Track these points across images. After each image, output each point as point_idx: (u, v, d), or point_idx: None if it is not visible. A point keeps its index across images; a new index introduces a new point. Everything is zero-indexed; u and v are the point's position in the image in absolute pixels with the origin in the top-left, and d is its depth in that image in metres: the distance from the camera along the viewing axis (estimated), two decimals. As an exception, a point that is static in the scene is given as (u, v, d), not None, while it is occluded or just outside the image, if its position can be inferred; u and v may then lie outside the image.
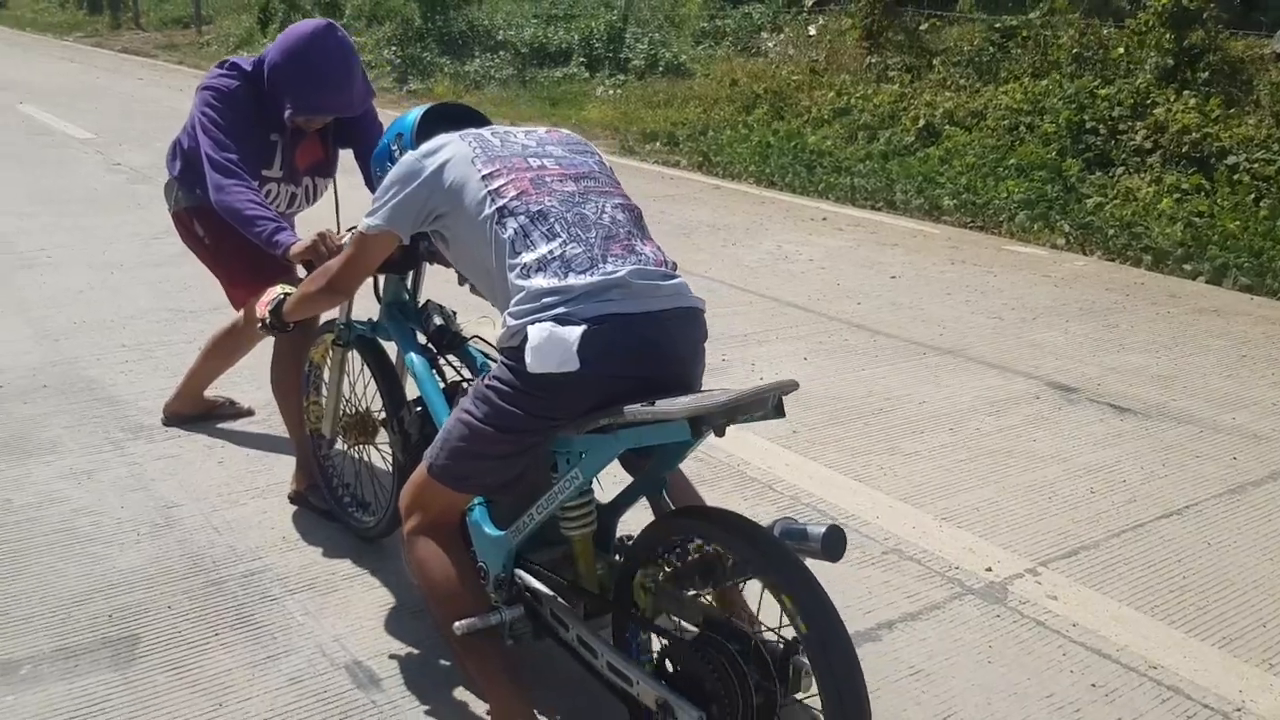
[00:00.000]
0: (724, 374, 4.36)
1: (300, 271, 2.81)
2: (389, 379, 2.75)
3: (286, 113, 2.98)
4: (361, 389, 2.89)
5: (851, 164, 8.92)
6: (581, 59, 14.29)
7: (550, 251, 1.99)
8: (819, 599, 1.79)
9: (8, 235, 6.13)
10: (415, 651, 2.51)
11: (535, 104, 12.91)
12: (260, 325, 2.66)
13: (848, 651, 1.78)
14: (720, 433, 1.82)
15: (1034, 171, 7.97)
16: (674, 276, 2.08)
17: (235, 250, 3.09)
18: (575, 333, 1.89)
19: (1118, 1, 10.28)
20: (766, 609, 1.90)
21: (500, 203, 2.04)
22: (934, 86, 9.99)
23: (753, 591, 2.00)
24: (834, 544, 1.88)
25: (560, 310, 1.92)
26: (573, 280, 1.95)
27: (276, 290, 2.60)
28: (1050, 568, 2.97)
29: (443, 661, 2.47)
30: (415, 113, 2.46)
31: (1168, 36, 8.57)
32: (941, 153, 8.76)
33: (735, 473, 3.48)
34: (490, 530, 2.22)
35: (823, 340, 4.84)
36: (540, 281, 1.96)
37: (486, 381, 2.04)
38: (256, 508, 3.17)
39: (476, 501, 2.24)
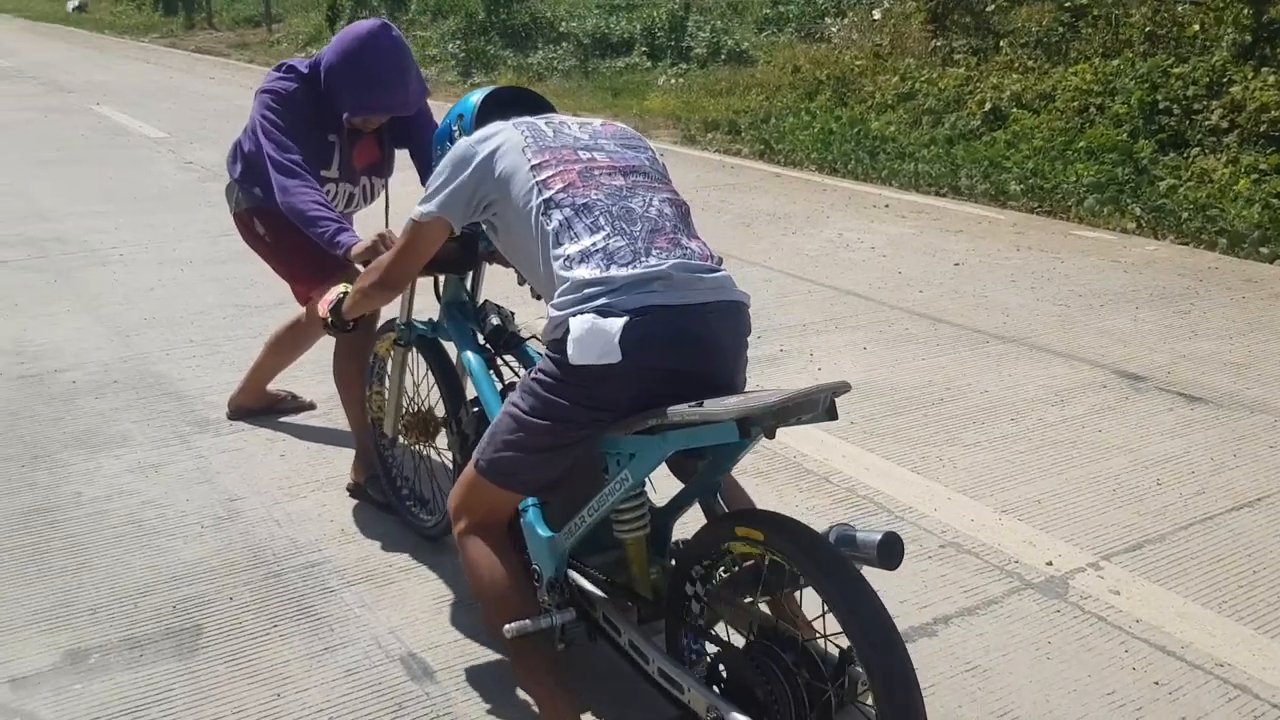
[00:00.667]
0: (781, 364, 4.33)
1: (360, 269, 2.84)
2: (449, 379, 2.76)
3: (344, 114, 3.02)
4: (425, 389, 2.92)
5: (915, 149, 8.78)
6: (644, 49, 14.26)
7: (594, 244, 1.98)
8: (874, 610, 1.74)
9: (82, 233, 6.30)
10: (470, 645, 2.54)
11: (598, 94, 12.92)
12: (323, 326, 2.70)
13: (904, 664, 1.71)
14: (771, 434, 1.78)
15: (1104, 154, 7.77)
16: (718, 271, 2.06)
17: (296, 248, 3.14)
18: (617, 324, 1.88)
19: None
20: (817, 610, 1.86)
21: (547, 194, 2.03)
22: (1001, 69, 9.79)
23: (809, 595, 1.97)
24: (890, 552, 1.83)
25: (602, 302, 1.91)
26: (615, 272, 1.94)
27: (337, 290, 2.63)
28: (1113, 562, 2.90)
29: (496, 655, 2.48)
30: (478, 94, 2.45)
31: (1246, 12, 8.29)
32: (1008, 136, 8.59)
33: (791, 464, 3.46)
34: (543, 532, 2.21)
35: (883, 329, 4.78)
36: (583, 273, 1.95)
37: (532, 375, 2.05)
38: (316, 500, 3.23)
39: (530, 503, 2.23)
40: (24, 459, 3.45)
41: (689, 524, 2.17)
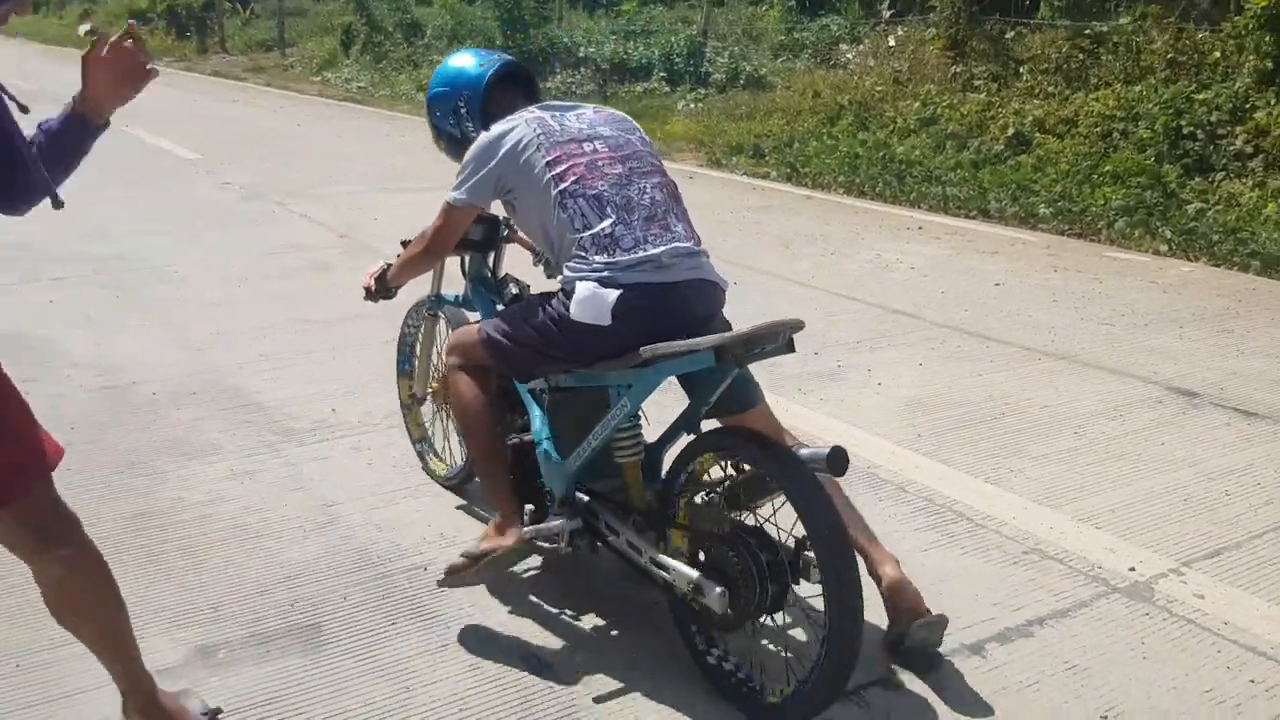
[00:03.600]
0: (840, 379, 4.44)
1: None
2: None
3: None
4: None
5: (942, 173, 8.93)
6: (662, 74, 14.43)
7: (603, 230, 2.43)
8: (824, 503, 2.19)
9: (138, 251, 6.41)
10: (584, 642, 2.63)
11: (618, 119, 13.07)
12: (366, 295, 3.03)
13: (844, 544, 2.18)
14: (741, 364, 2.28)
15: (1131, 178, 7.91)
16: (699, 253, 2.51)
17: None
18: (612, 295, 2.36)
19: (1211, 8, 10.17)
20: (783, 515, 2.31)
21: (562, 185, 2.47)
22: (1021, 94, 9.95)
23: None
24: (837, 460, 2.24)
25: (605, 274, 2.39)
26: (619, 257, 2.41)
27: (379, 264, 3.02)
28: (1194, 568, 3.00)
29: (609, 651, 2.58)
30: (477, 72, 2.78)
31: (1267, 39, 8.46)
32: (1034, 160, 8.74)
33: (866, 474, 3.56)
34: (555, 458, 2.64)
35: (934, 347, 4.89)
36: (593, 253, 2.42)
37: (547, 302, 2.51)
38: (410, 506, 3.32)
39: (544, 437, 2.68)
40: (119, 466, 3.54)
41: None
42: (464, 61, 2.84)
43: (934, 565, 2.99)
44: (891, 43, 13.08)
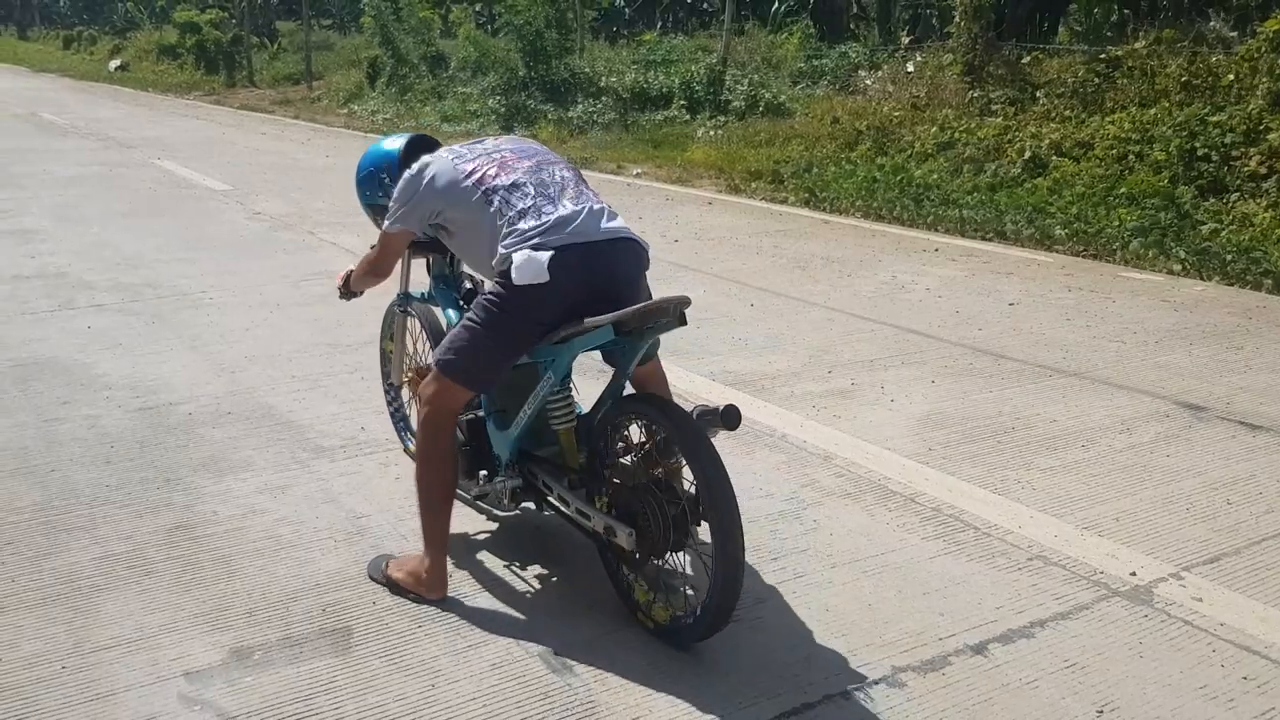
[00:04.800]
0: (854, 396, 4.54)
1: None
2: (437, 335, 3.48)
3: None
4: (417, 345, 3.70)
5: (959, 196, 9.04)
6: (682, 102, 14.64)
7: (526, 205, 2.77)
8: (713, 459, 2.55)
9: (172, 278, 6.61)
10: (601, 643, 2.74)
11: (638, 146, 13.28)
12: (339, 294, 3.54)
13: (729, 497, 2.53)
14: (638, 337, 2.67)
15: (1146, 199, 8.00)
16: (615, 217, 2.83)
17: None
18: (546, 255, 2.65)
19: (1225, 31, 10.27)
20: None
21: (484, 186, 2.83)
22: (1038, 118, 10.07)
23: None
24: (730, 416, 2.61)
25: (535, 240, 2.69)
26: (544, 219, 2.72)
27: (348, 267, 3.52)
28: (1193, 572, 3.08)
29: (628, 653, 2.69)
30: (391, 149, 3.36)
31: (1279, 62, 8.55)
32: (1050, 183, 8.84)
33: (878, 486, 3.66)
34: (498, 430, 3.07)
35: (948, 365, 4.99)
36: (523, 225, 2.73)
37: (483, 296, 2.80)
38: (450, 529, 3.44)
39: (490, 414, 3.09)
40: (158, 482, 3.70)
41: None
42: (380, 146, 3.45)
43: (940, 571, 3.09)
44: (910, 68, 13.25)
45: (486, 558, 3.20)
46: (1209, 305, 6.09)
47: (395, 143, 3.39)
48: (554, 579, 3.08)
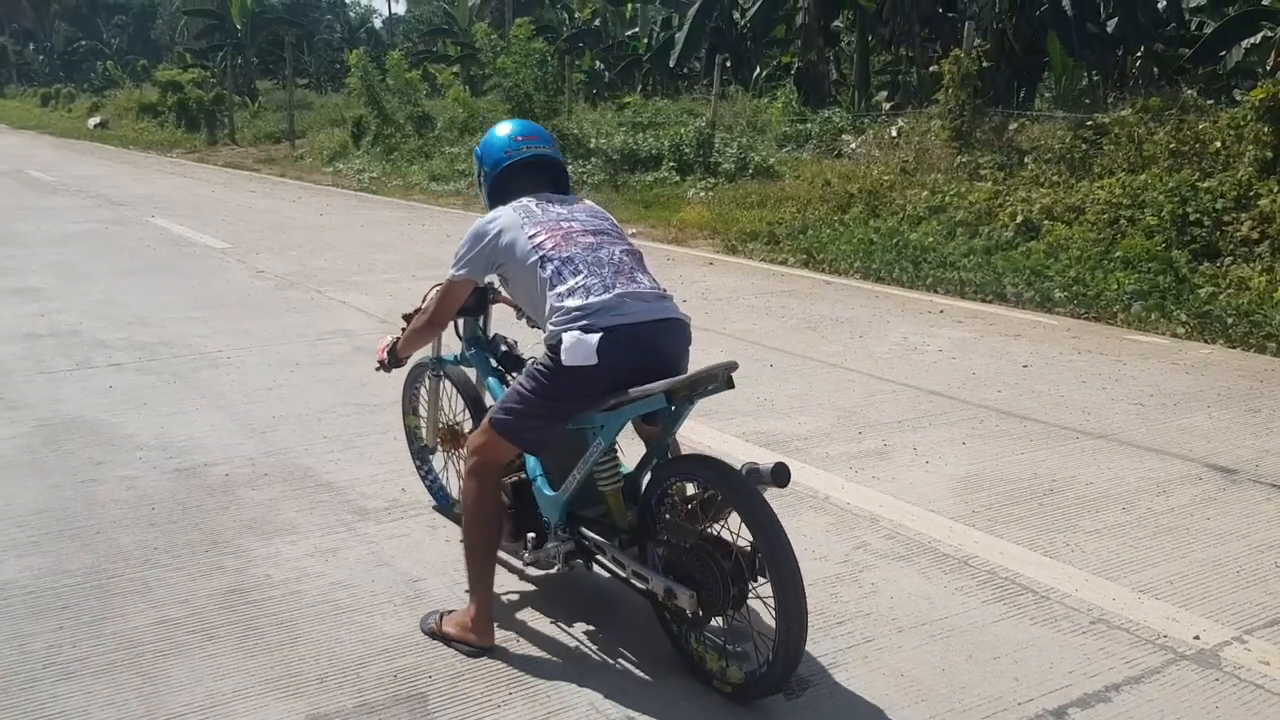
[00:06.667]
0: (889, 457, 4.58)
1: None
2: (471, 396, 3.60)
3: None
4: (450, 406, 3.76)
5: (955, 259, 9.17)
6: (672, 163, 14.81)
7: (577, 283, 2.83)
8: (769, 516, 2.58)
9: (186, 337, 6.57)
10: (675, 708, 2.73)
11: (629, 207, 13.39)
12: (378, 367, 3.53)
13: (788, 551, 2.56)
14: (687, 402, 2.76)
15: (1141, 263, 8.16)
16: (665, 297, 2.92)
17: None
18: (595, 339, 2.72)
19: (1201, 101, 10.55)
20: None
21: (542, 252, 2.90)
22: (1027, 183, 10.28)
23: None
24: (780, 473, 2.62)
25: (584, 322, 2.76)
26: (592, 300, 2.79)
27: (387, 339, 3.54)
28: (1256, 635, 3.12)
29: (706, 713, 2.68)
30: (502, 157, 3.19)
31: (1265, 130, 8.80)
32: (1045, 246, 8.99)
33: (929, 549, 3.68)
34: (548, 492, 3.06)
35: (974, 426, 5.04)
36: (570, 303, 2.80)
37: (535, 365, 2.88)
38: (495, 582, 3.42)
39: (538, 474, 3.09)
40: (205, 545, 3.65)
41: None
42: (502, 132, 3.27)
43: (1006, 635, 3.10)
44: (894, 133, 13.50)
45: (552, 625, 3.17)
46: (1219, 368, 6.20)
47: (508, 150, 3.19)
48: (618, 639, 3.06)
